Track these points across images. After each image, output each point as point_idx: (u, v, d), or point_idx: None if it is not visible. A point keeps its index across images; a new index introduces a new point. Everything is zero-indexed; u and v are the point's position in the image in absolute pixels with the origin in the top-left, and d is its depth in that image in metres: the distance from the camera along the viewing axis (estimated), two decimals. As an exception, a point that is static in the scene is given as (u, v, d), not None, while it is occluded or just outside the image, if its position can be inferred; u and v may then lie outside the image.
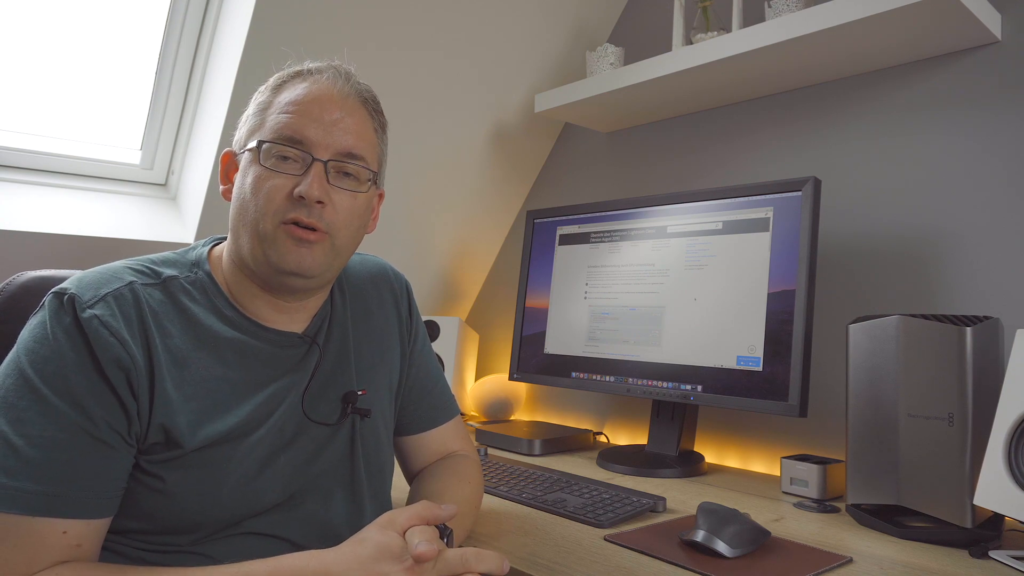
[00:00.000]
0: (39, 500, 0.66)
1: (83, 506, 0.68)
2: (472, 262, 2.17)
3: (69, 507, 0.67)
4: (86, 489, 0.68)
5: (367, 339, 0.94)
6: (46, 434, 0.67)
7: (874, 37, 1.26)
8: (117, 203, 1.64)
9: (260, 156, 0.80)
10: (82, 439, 0.69)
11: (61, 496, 0.67)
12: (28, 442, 0.67)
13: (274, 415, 0.81)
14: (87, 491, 0.68)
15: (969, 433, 0.94)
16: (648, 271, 1.45)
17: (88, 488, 0.69)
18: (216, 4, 1.53)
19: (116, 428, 0.71)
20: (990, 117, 1.25)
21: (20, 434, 0.67)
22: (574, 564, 0.84)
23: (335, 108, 0.82)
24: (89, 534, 0.69)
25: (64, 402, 0.68)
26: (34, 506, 0.66)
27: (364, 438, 0.89)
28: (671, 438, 1.40)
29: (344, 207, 0.82)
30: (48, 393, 0.68)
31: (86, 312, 0.71)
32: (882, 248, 1.36)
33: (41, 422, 0.67)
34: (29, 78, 1.52)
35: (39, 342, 0.70)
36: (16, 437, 0.67)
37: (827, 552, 0.90)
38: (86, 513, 0.68)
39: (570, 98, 1.68)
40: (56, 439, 0.68)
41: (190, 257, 0.85)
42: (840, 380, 1.35)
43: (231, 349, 0.80)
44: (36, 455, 0.66)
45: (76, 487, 0.68)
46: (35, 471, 0.66)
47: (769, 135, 1.56)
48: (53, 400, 0.68)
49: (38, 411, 0.68)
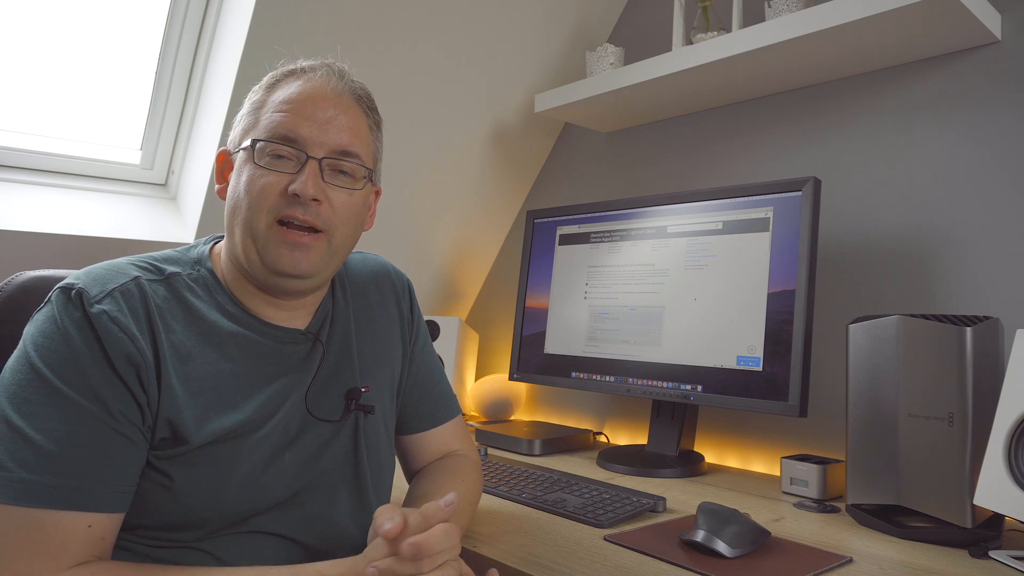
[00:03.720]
0: (63, 493, 0.65)
1: (105, 499, 0.68)
2: (472, 262, 2.17)
3: (92, 500, 0.67)
4: (106, 482, 0.68)
5: (369, 337, 0.94)
6: (64, 427, 0.67)
7: (874, 37, 1.26)
8: (117, 203, 1.64)
9: (254, 155, 0.80)
10: (101, 431, 0.68)
11: (84, 489, 0.66)
12: (46, 436, 0.66)
13: (279, 412, 0.81)
14: (107, 484, 0.68)
15: (969, 433, 0.94)
16: (648, 271, 1.45)
17: (108, 481, 0.68)
18: (216, 4, 1.53)
19: (133, 420, 0.71)
20: (990, 117, 1.25)
21: (37, 428, 0.66)
22: (574, 564, 0.84)
23: (329, 106, 0.82)
24: (111, 527, 0.69)
25: (80, 395, 0.68)
26: (58, 499, 0.65)
27: (367, 435, 0.89)
28: (671, 438, 1.40)
29: (340, 204, 0.82)
30: (63, 387, 0.68)
31: (95, 307, 0.71)
32: (882, 248, 1.36)
33: (57, 416, 0.67)
34: (29, 78, 1.52)
35: (49, 337, 0.70)
36: (33, 432, 0.66)
37: (827, 552, 0.90)
38: (108, 506, 0.68)
39: (570, 98, 1.68)
40: (74, 432, 0.67)
41: (192, 255, 0.85)
42: (840, 380, 1.35)
43: (235, 344, 0.80)
44: (55, 449, 0.66)
45: (97, 480, 0.67)
46: (56, 465, 0.66)
47: (769, 135, 1.56)
48: (69, 393, 0.68)
49: (53, 405, 0.67)
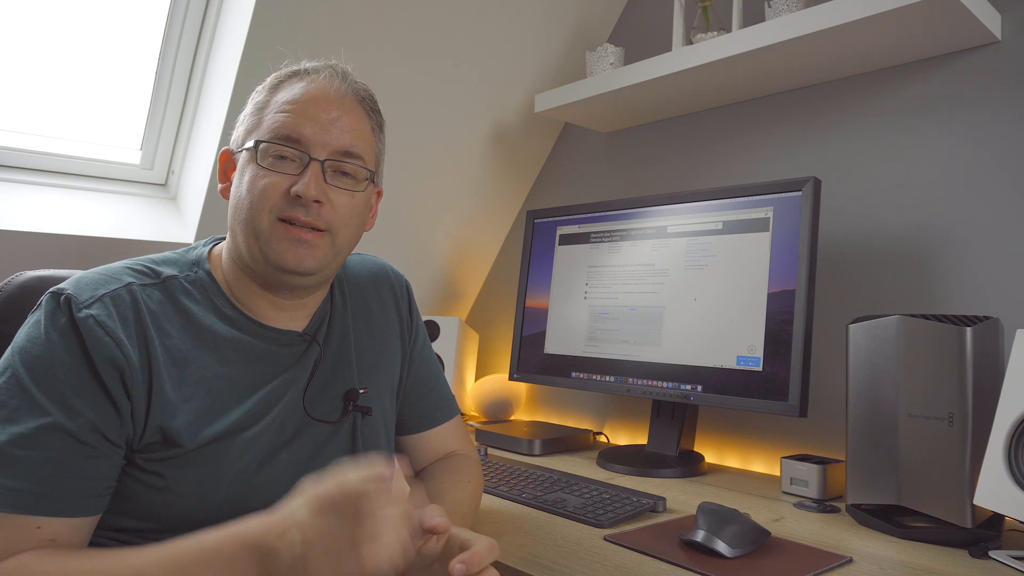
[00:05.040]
0: (19, 497, 0.66)
1: (63, 504, 0.68)
2: (472, 262, 2.17)
3: (49, 505, 0.67)
4: (68, 488, 0.68)
5: (368, 338, 0.94)
6: (31, 433, 0.67)
7: (874, 37, 1.26)
8: (117, 203, 1.64)
9: (257, 156, 0.80)
10: (64, 440, 0.69)
11: (42, 494, 0.67)
12: (13, 440, 0.67)
13: (272, 411, 0.81)
14: (69, 490, 0.68)
15: (969, 433, 0.94)
16: (648, 271, 1.45)
17: (70, 487, 0.68)
18: (216, 4, 1.53)
19: (102, 430, 0.71)
20: (990, 117, 1.25)
21: (7, 432, 0.67)
22: (574, 564, 0.84)
23: (332, 107, 0.82)
24: (66, 530, 0.69)
25: (51, 401, 0.69)
26: (13, 503, 0.66)
27: (365, 437, 0.89)
28: (671, 438, 1.40)
29: (342, 206, 0.82)
30: (36, 392, 0.69)
31: (82, 312, 0.71)
32: (882, 248, 1.36)
33: (28, 420, 0.68)
34: (29, 78, 1.52)
35: (32, 341, 0.71)
36: (2, 435, 0.67)
37: (827, 552, 0.90)
38: (66, 511, 0.68)
39: (570, 98, 1.68)
40: (40, 438, 0.68)
41: (190, 257, 0.85)
42: (840, 380, 1.35)
43: (230, 348, 0.80)
44: (19, 453, 0.67)
45: (57, 486, 0.68)
46: (17, 469, 0.66)
47: (769, 135, 1.56)
48: (40, 399, 0.68)
49: (26, 410, 0.68)
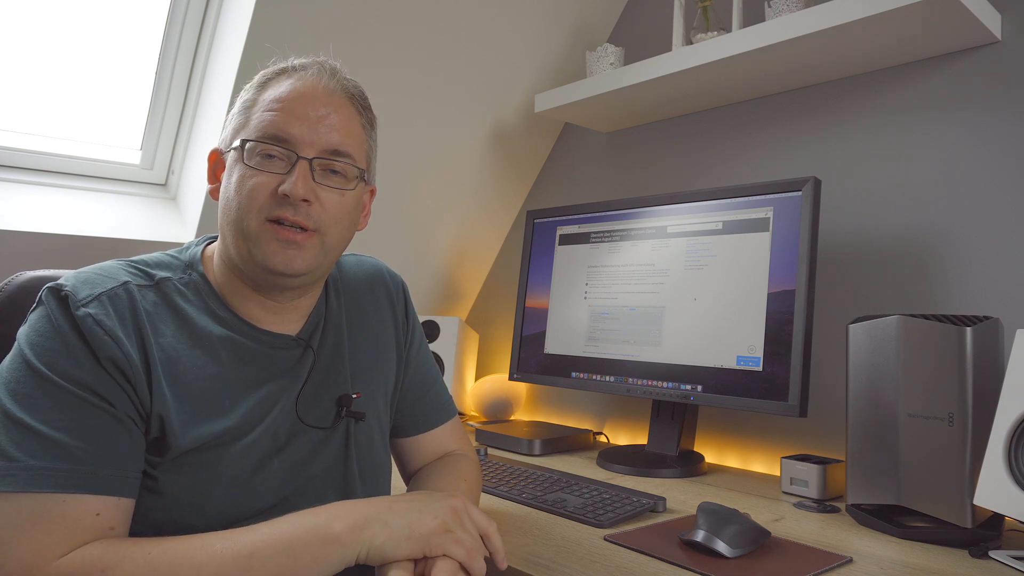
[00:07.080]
0: (70, 477, 0.66)
1: (113, 483, 0.68)
2: (472, 262, 2.17)
3: (100, 484, 0.67)
4: (113, 466, 0.68)
5: (362, 341, 0.93)
6: (65, 417, 0.67)
7: (874, 37, 1.26)
8: (117, 203, 1.64)
9: (244, 155, 0.79)
10: (102, 417, 0.69)
11: (91, 473, 0.67)
12: (50, 426, 0.66)
13: (267, 418, 0.80)
14: (114, 468, 0.68)
15: (969, 433, 0.94)
16: (648, 271, 1.45)
17: (115, 465, 0.68)
18: (216, 4, 1.53)
19: (129, 412, 0.71)
20: (990, 117, 1.25)
21: (40, 420, 0.66)
22: (574, 564, 0.84)
23: (320, 105, 0.81)
24: (121, 517, 0.69)
25: (77, 387, 0.69)
26: (65, 483, 0.65)
27: (358, 441, 0.89)
28: (671, 438, 1.40)
29: (332, 205, 0.81)
30: (60, 381, 0.68)
31: (80, 310, 0.71)
32: (882, 248, 1.36)
33: (57, 407, 0.67)
34: (29, 78, 1.52)
35: (43, 335, 0.70)
36: (37, 423, 0.66)
37: (827, 552, 0.90)
38: (116, 490, 0.68)
39: (570, 98, 1.68)
40: (76, 420, 0.68)
41: (184, 258, 0.84)
42: (840, 380, 1.35)
43: (224, 348, 0.80)
44: (60, 436, 0.66)
45: (103, 464, 0.68)
46: (62, 451, 0.66)
47: (769, 135, 1.56)
48: (66, 386, 0.68)
49: (52, 398, 0.68)
